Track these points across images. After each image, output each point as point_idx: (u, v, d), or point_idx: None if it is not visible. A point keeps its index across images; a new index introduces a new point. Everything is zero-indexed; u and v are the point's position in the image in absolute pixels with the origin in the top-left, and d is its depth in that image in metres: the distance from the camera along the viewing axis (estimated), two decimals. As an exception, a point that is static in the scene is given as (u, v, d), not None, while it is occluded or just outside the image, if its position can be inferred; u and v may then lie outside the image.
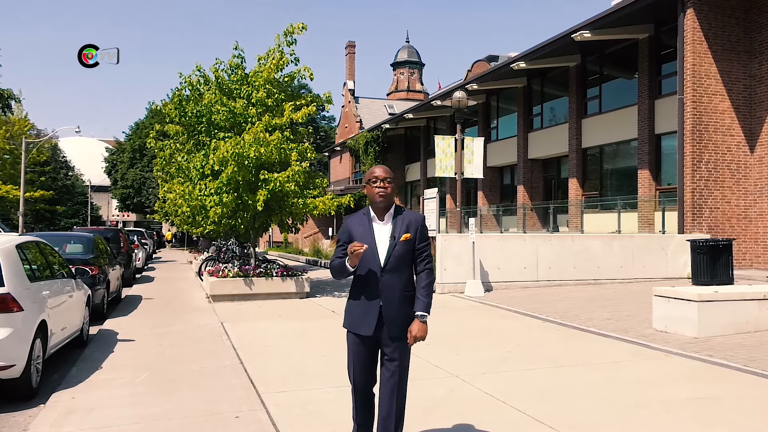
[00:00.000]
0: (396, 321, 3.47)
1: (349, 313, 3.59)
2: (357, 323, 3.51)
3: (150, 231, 41.50)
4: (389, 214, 3.56)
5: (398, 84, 52.90)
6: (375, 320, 3.45)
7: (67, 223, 57.64)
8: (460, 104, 15.31)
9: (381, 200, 3.52)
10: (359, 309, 3.51)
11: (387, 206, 3.56)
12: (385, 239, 3.49)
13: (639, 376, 5.95)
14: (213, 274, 13.08)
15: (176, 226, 29.97)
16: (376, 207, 3.56)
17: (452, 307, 11.19)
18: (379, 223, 3.54)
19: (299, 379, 5.97)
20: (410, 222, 3.54)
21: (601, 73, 22.02)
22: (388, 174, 3.54)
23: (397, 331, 3.48)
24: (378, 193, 3.51)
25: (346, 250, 3.52)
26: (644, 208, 18.83)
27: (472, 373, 6.06)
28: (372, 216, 3.57)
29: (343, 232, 3.65)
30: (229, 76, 13.76)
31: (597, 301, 11.31)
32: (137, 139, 49.22)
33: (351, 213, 3.79)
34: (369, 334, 3.46)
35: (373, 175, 3.54)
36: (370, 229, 3.53)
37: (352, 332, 3.56)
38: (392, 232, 3.50)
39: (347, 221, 3.64)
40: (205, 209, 12.55)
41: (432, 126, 34.26)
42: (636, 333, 8.06)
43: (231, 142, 11.91)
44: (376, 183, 3.52)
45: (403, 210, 3.61)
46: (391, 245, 3.47)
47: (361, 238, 3.50)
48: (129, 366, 6.72)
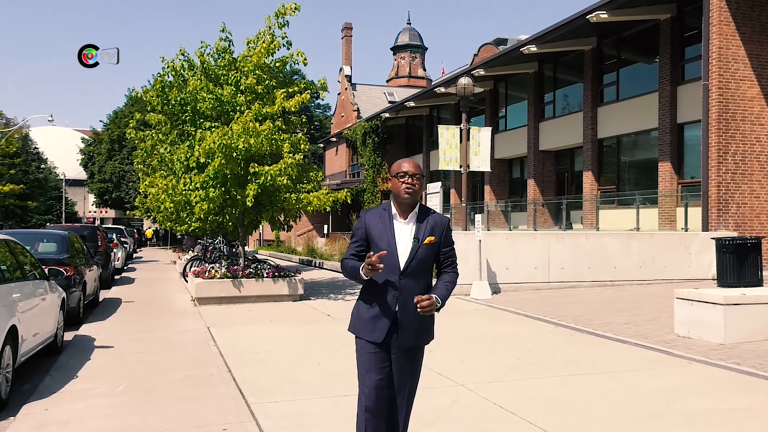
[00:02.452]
0: (411, 328, 3.43)
1: (358, 316, 3.53)
2: (367, 328, 3.45)
3: (130, 228, 41.50)
4: (413, 213, 3.50)
5: (399, 70, 52.84)
6: (387, 326, 3.41)
7: (40, 220, 57.66)
8: (465, 91, 15.29)
9: (407, 197, 3.45)
10: (371, 313, 3.46)
11: (412, 204, 3.50)
12: (406, 240, 3.44)
13: (659, 386, 5.95)
14: (199, 275, 13.08)
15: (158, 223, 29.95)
16: (400, 204, 3.49)
17: (457, 310, 11.19)
18: (400, 222, 3.48)
19: (292, 388, 5.96)
20: (435, 224, 3.50)
21: (618, 58, 22.00)
22: (418, 170, 3.48)
23: (411, 340, 3.46)
24: (405, 189, 3.44)
25: (361, 248, 3.49)
26: (665, 204, 18.84)
27: (479, 382, 6.06)
28: (393, 213, 3.50)
29: (359, 227, 3.57)
30: (215, 61, 13.73)
31: (614, 304, 11.31)
32: (116, 128, 49.15)
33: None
34: (380, 340, 3.42)
35: (401, 168, 3.48)
36: (390, 227, 3.46)
37: (360, 338, 3.50)
38: (415, 233, 3.45)
39: (365, 216, 3.57)
40: (190, 205, 12.54)
41: (435, 115, 34.24)
42: (656, 339, 8.06)
43: (218, 132, 11.90)
44: (404, 178, 3.45)
45: (429, 211, 3.56)
46: (414, 247, 3.42)
47: (379, 236, 3.44)
48: (107, 375, 6.71)
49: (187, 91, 13.12)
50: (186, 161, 12.54)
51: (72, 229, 17.43)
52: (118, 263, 21.58)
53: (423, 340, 3.55)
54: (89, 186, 56.69)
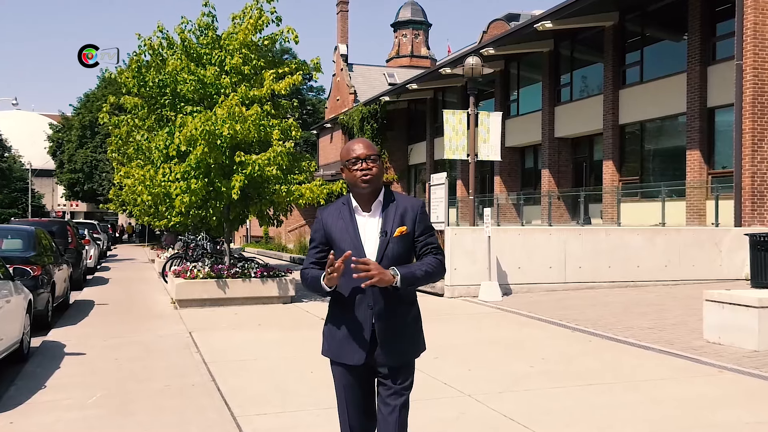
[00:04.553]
0: (394, 342, 3.21)
1: (330, 336, 3.30)
2: (341, 350, 3.23)
3: (104, 224, 41.51)
4: (377, 202, 3.26)
5: (400, 48, 52.74)
6: (366, 343, 3.18)
7: (4, 214, 57.63)
8: (473, 72, 15.27)
9: (365, 186, 3.20)
10: (343, 330, 3.23)
11: (374, 193, 3.25)
12: (374, 236, 3.20)
13: (686, 397, 5.97)
14: (179, 275, 13.09)
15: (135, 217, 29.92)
16: (359, 195, 3.26)
17: (464, 313, 11.21)
18: (364, 216, 3.25)
19: (282, 398, 5.98)
20: (405, 210, 3.25)
21: (642, 35, 21.96)
22: (371, 149, 3.22)
23: (396, 357, 3.23)
24: (360, 178, 3.18)
25: (322, 254, 3.29)
26: (694, 196, 18.84)
27: (488, 392, 6.08)
28: (354, 206, 3.27)
29: (316, 229, 3.34)
30: (197, 39, 13.71)
31: (636, 306, 11.34)
32: (87, 113, 49.10)
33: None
34: (359, 363, 3.20)
35: (351, 154, 3.21)
36: (352, 224, 3.23)
37: (336, 362, 3.29)
38: (382, 225, 3.21)
39: (321, 214, 3.35)
40: (170, 198, 12.53)
41: (440, 99, 34.22)
42: (683, 345, 8.08)
43: (200, 117, 11.89)
44: (357, 164, 3.19)
45: (394, 196, 3.30)
46: (382, 243, 3.18)
47: (341, 237, 3.22)
48: (79, 384, 6.72)
49: (166, 71, 13.10)
50: (165, 149, 12.53)
51: (39, 224, 17.45)
52: (90, 262, 21.60)
53: (411, 354, 3.33)
54: (58, 177, 56.68)
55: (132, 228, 56.08)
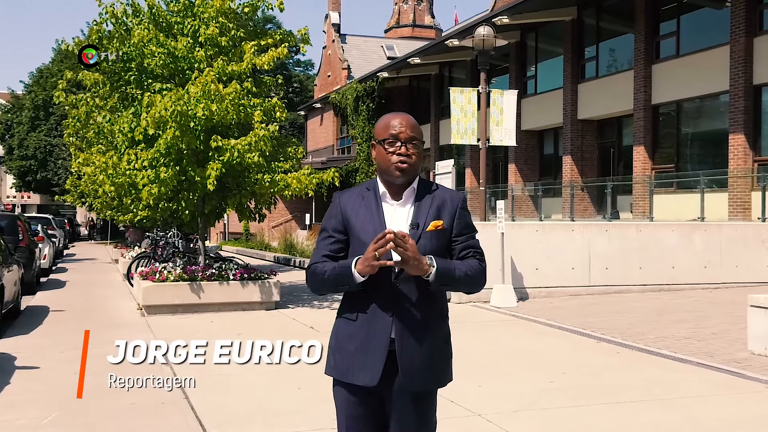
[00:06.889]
0: (417, 362, 3.00)
1: (338, 349, 3.09)
2: (351, 367, 3.01)
3: (60, 218, 41.45)
4: (410, 189, 3.11)
5: (400, 17, 52.68)
6: (382, 361, 2.97)
7: (-54, 208, 57.57)
8: (485, 44, 15.24)
9: (398, 176, 3.05)
10: (355, 342, 3.03)
11: (408, 182, 3.12)
12: (402, 228, 2.98)
13: (729, 417, 5.99)
14: (147, 277, 13.09)
15: (96, 211, 29.88)
16: (389, 181, 3.11)
17: (474, 320, 11.23)
18: (392, 204, 3.10)
19: (266, 418, 6.01)
20: (444, 202, 3.10)
21: (679, 1, 21.94)
22: (416, 131, 3.09)
23: (418, 381, 3.01)
24: (396, 164, 3.04)
25: (337, 245, 3.10)
26: (737, 187, 18.86)
27: (500, 411, 6.10)
28: (382, 192, 3.12)
29: (331, 215, 3.16)
30: (167, 5, 13.67)
31: (671, 313, 11.36)
32: (41, 91, 49.00)
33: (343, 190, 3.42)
34: (373, 383, 2.97)
35: (389, 130, 3.07)
36: (378, 213, 3.07)
37: (342, 383, 3.07)
38: (414, 217, 3.05)
39: (340, 199, 3.18)
40: (136, 188, 12.51)
41: (447, 75, 34.19)
42: (725, 357, 8.10)
43: (171, 96, 11.86)
44: (393, 146, 3.05)
45: (433, 186, 3.16)
46: (413, 237, 2.96)
47: (362, 226, 3.06)
48: (32, 402, 6.71)
49: (132, 43, 13.06)
50: (130, 133, 12.50)
51: (-14, 218, 17.41)
52: (44, 262, 21.58)
53: (436, 381, 3.11)
54: (7, 164, 56.57)
55: (93, 223, 56.01)
